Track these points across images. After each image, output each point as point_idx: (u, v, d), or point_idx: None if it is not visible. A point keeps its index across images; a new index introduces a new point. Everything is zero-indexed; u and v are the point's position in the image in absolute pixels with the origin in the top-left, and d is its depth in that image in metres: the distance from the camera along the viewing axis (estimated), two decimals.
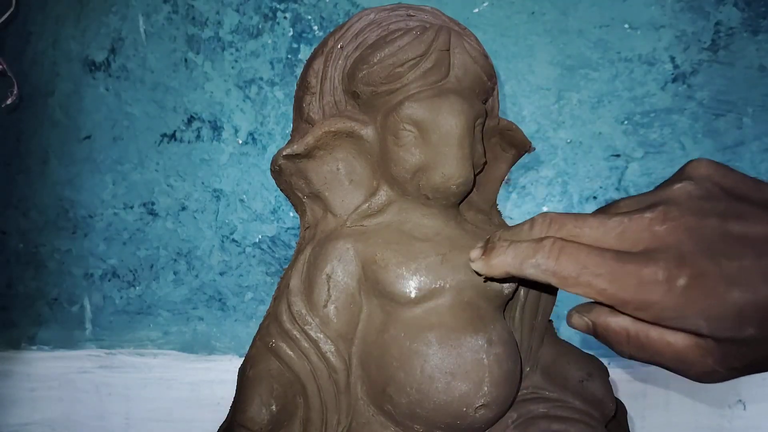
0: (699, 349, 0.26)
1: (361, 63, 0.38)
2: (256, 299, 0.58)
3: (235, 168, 0.57)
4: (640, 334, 0.27)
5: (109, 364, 0.59)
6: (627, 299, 0.25)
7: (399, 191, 0.39)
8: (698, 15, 0.57)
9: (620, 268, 0.25)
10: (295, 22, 0.57)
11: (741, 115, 0.57)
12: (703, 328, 0.25)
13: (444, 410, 0.35)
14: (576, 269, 0.26)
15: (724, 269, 0.24)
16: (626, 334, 0.27)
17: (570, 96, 0.57)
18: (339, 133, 0.39)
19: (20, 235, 0.59)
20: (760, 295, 0.24)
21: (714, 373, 0.26)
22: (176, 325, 0.59)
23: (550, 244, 0.27)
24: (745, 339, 0.24)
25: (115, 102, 0.58)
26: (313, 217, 0.41)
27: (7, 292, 0.60)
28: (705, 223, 0.25)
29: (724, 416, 0.57)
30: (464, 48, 0.38)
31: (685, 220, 0.26)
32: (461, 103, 0.37)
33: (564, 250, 0.27)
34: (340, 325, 0.37)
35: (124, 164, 0.58)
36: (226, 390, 0.39)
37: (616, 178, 0.57)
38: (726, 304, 0.24)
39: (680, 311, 0.25)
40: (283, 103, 0.57)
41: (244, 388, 0.37)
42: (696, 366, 0.26)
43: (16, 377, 0.59)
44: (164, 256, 0.58)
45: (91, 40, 0.58)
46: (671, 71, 0.57)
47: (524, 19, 0.57)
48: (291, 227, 0.57)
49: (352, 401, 0.37)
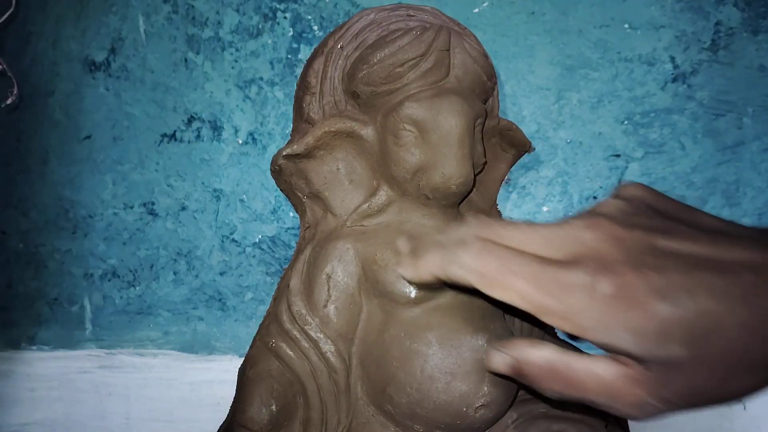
0: (627, 379, 0.24)
1: (361, 63, 0.38)
2: (256, 299, 0.58)
3: (235, 168, 0.57)
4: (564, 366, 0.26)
5: (109, 364, 0.59)
6: (549, 305, 0.24)
7: (399, 191, 0.39)
8: (698, 15, 0.57)
9: (543, 271, 0.24)
10: (295, 22, 0.57)
11: (741, 115, 0.57)
12: (626, 342, 0.23)
13: (444, 410, 0.35)
14: (499, 269, 0.25)
15: (650, 281, 0.23)
16: (550, 368, 0.26)
17: (570, 96, 0.57)
18: (339, 133, 0.39)
19: (20, 235, 0.59)
20: (685, 310, 0.23)
21: (645, 406, 0.24)
22: (176, 325, 0.59)
23: (474, 242, 0.26)
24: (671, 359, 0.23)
25: (115, 102, 0.58)
26: (313, 217, 0.41)
27: (7, 292, 0.60)
28: (633, 235, 0.25)
29: (724, 416, 0.57)
30: (464, 48, 0.38)
31: (612, 230, 0.25)
32: (461, 103, 0.37)
33: (487, 248, 0.26)
34: (340, 325, 0.37)
35: (124, 164, 0.58)
36: (226, 390, 0.39)
37: (616, 178, 0.57)
38: (650, 316, 0.23)
39: (603, 321, 0.24)
40: (283, 103, 0.57)
41: (244, 388, 0.37)
42: (625, 397, 0.25)
43: (16, 377, 0.59)
44: (164, 256, 0.58)
45: (91, 40, 0.58)
46: (671, 71, 0.57)
47: (524, 19, 0.57)
48: (291, 227, 0.57)
49: (352, 401, 0.37)
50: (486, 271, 0.25)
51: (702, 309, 0.23)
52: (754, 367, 0.23)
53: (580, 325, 0.24)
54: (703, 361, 0.23)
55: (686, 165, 0.56)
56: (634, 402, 0.24)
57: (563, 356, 0.26)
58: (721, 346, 0.23)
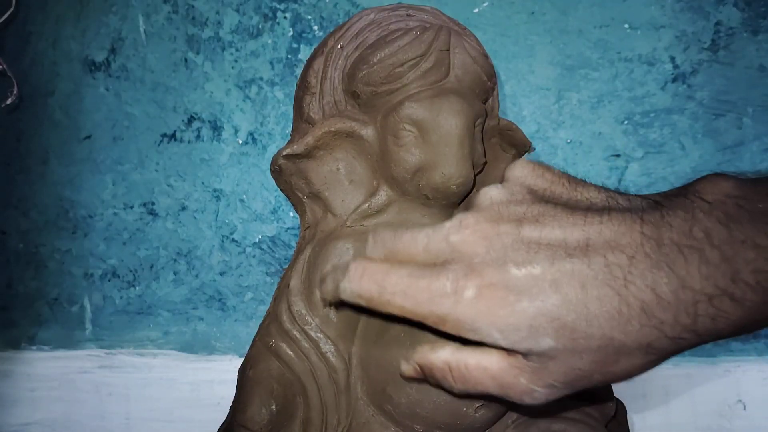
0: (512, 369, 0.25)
1: (361, 63, 0.38)
2: (256, 299, 0.58)
3: (235, 168, 0.57)
4: (460, 365, 0.27)
5: (109, 364, 0.59)
6: (424, 313, 0.25)
7: (399, 191, 0.39)
8: (698, 15, 0.57)
9: (413, 284, 0.25)
10: (295, 22, 0.57)
11: (741, 115, 0.57)
12: (500, 341, 0.24)
13: (444, 410, 0.35)
14: (376, 289, 0.26)
15: (512, 278, 0.24)
16: (448, 368, 0.27)
17: (570, 96, 0.57)
18: (339, 133, 0.39)
19: (20, 235, 0.59)
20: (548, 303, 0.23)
21: (533, 392, 0.25)
22: (176, 325, 0.59)
23: (354, 267, 0.27)
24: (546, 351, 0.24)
25: (115, 102, 0.58)
26: (313, 217, 0.41)
27: (7, 292, 0.60)
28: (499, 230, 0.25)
29: (724, 416, 0.57)
30: (464, 48, 0.38)
31: (479, 227, 0.25)
32: (461, 103, 0.37)
33: (366, 271, 0.27)
34: (340, 325, 0.37)
35: (124, 164, 0.58)
36: (226, 390, 0.39)
37: (616, 178, 0.57)
38: (516, 314, 0.23)
39: (472, 323, 0.24)
40: (283, 103, 0.57)
41: (244, 388, 0.37)
42: (514, 387, 0.25)
43: (16, 377, 0.59)
44: (164, 256, 0.58)
45: (91, 40, 0.58)
46: (671, 71, 0.57)
47: (524, 19, 0.57)
48: (291, 227, 0.57)
49: (352, 401, 0.37)
50: (366, 294, 0.26)
51: (567, 299, 0.23)
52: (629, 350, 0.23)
53: (455, 327, 0.25)
54: (576, 349, 0.23)
55: (686, 165, 0.56)
56: (523, 390, 0.25)
57: (459, 354, 0.27)
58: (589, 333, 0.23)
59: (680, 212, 0.23)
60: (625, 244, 0.23)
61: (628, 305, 0.22)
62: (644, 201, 0.25)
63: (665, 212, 0.24)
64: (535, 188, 0.27)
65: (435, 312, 0.25)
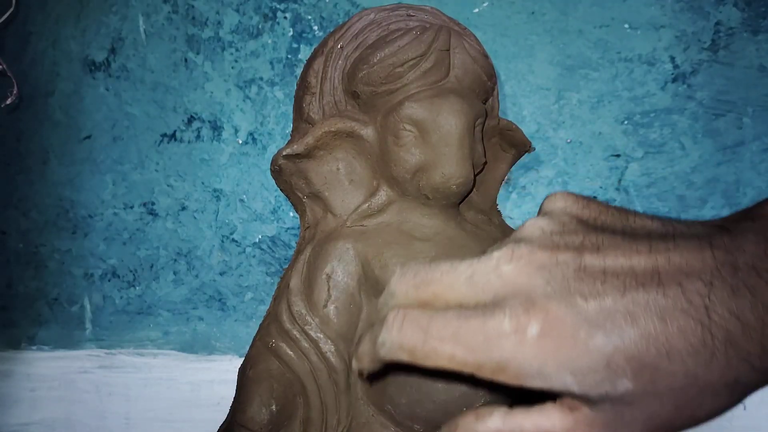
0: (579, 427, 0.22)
1: (361, 63, 0.38)
2: (256, 299, 0.58)
3: (235, 168, 0.57)
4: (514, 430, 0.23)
5: (109, 364, 0.59)
6: (479, 361, 0.22)
7: (399, 191, 0.39)
8: (698, 15, 0.57)
9: (464, 326, 0.22)
10: (295, 22, 0.57)
11: (741, 115, 0.57)
12: (572, 386, 0.21)
13: (444, 410, 0.35)
14: (420, 337, 0.23)
15: (583, 311, 0.21)
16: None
17: (570, 96, 0.57)
18: (339, 133, 0.39)
19: (20, 235, 0.59)
20: (626, 338, 0.20)
21: None
22: (176, 325, 0.59)
23: (393, 316, 0.23)
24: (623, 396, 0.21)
25: (115, 102, 0.58)
26: (313, 217, 0.41)
27: (7, 292, 0.60)
28: (558, 259, 0.22)
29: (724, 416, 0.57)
30: (464, 48, 0.38)
31: (535, 257, 0.22)
32: (461, 103, 0.37)
33: (407, 318, 0.23)
34: (340, 325, 0.37)
35: (124, 164, 0.58)
36: (226, 390, 0.39)
37: (616, 178, 0.57)
38: (591, 353, 0.20)
39: (540, 366, 0.21)
40: (283, 103, 0.57)
41: (244, 388, 0.37)
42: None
43: (16, 377, 0.59)
44: (164, 256, 0.58)
45: (91, 40, 0.58)
46: (671, 71, 0.57)
47: (524, 19, 0.57)
48: (291, 227, 0.57)
49: (352, 401, 0.37)
50: (410, 346, 0.23)
51: (645, 333, 0.20)
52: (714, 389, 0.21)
53: (517, 375, 0.22)
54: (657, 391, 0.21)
55: (686, 165, 0.56)
56: None
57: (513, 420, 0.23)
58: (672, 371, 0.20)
59: (750, 235, 0.21)
60: (699, 270, 0.21)
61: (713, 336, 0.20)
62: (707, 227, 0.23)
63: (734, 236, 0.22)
64: (584, 218, 0.24)
65: (493, 357, 0.21)
